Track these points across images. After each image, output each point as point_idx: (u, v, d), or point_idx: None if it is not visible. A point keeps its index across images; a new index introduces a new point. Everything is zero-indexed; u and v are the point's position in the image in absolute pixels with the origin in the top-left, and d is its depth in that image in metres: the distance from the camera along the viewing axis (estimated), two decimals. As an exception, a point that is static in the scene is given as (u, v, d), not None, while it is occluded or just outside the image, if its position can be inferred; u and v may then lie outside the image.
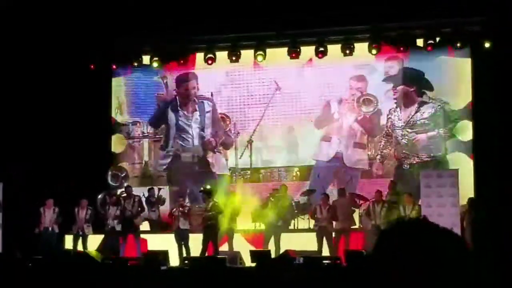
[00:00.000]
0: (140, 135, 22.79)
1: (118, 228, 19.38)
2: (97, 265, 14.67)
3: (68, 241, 19.83)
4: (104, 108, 22.39)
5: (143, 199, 20.17)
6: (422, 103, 20.95)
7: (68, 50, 20.76)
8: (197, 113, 22.38)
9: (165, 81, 22.62)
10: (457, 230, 17.41)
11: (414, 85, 21.03)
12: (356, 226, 19.30)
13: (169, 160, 22.39)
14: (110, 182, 20.95)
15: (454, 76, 20.73)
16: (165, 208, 20.97)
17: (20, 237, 19.33)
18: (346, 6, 19.15)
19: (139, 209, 19.51)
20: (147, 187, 21.26)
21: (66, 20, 20.33)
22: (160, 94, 22.70)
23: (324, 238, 18.69)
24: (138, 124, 22.77)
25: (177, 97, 22.55)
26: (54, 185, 20.11)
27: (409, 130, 21.03)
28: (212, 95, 22.29)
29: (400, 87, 21.12)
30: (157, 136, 22.69)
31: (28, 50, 20.72)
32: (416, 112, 21.01)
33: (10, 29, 20.41)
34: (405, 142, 21.08)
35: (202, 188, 19.86)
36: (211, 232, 18.56)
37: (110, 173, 20.97)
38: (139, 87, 22.87)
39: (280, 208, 19.35)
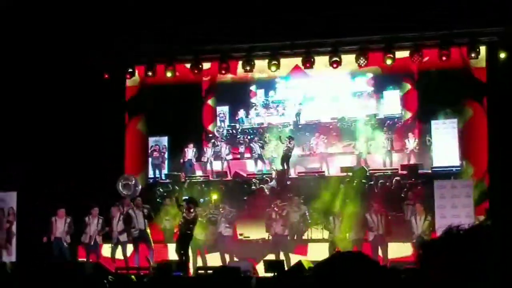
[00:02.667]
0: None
1: (123, 239, 19.45)
2: (110, 275, 14.67)
3: (81, 251, 19.86)
4: (119, 116, 22.43)
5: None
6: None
7: (83, 58, 20.84)
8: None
9: None
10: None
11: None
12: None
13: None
14: (124, 192, 20.82)
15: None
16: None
17: (34, 246, 19.36)
18: (361, 15, 19.12)
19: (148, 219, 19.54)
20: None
21: (82, 29, 20.41)
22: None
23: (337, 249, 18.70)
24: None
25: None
26: (67, 194, 20.15)
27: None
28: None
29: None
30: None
31: (44, 59, 20.81)
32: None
33: (24, 35, 20.50)
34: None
35: (187, 197, 19.42)
36: (187, 241, 18.42)
37: (120, 183, 20.83)
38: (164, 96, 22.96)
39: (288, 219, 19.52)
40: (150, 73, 21.75)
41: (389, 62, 20.36)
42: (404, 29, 19.61)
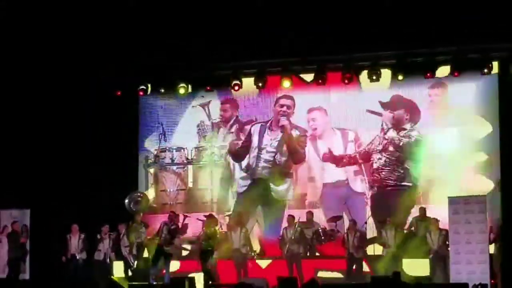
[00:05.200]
0: (185, 161, 22.66)
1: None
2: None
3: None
4: (131, 133, 22.46)
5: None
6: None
7: (96, 75, 20.91)
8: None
9: (206, 109, 22.68)
10: (486, 257, 17.28)
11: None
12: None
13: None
14: (135, 209, 20.89)
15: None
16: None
17: (48, 264, 19.40)
18: (373, 31, 19.14)
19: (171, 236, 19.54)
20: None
21: (93, 46, 20.49)
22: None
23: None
24: (182, 150, 22.67)
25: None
26: (79, 211, 20.23)
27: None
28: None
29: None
30: (201, 163, 22.51)
31: (57, 76, 20.91)
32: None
33: (37, 52, 20.61)
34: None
35: (207, 214, 19.91)
36: (208, 257, 18.61)
37: (130, 203, 20.93)
38: (177, 113, 22.87)
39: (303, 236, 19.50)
40: (162, 90, 21.78)
41: (400, 78, 20.31)
42: (415, 45, 19.63)
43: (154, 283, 18.25)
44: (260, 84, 21.11)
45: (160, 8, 20.22)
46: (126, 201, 20.80)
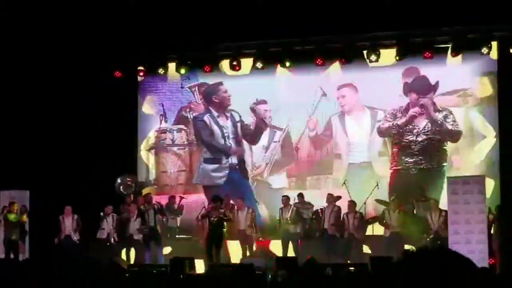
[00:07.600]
0: (186, 143, 22.63)
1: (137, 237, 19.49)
2: (124, 273, 14.69)
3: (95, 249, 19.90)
4: (130, 114, 22.43)
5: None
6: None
7: (94, 57, 20.87)
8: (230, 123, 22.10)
9: (193, 90, 22.63)
10: (485, 237, 17.29)
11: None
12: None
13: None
14: (126, 193, 20.97)
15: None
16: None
17: (46, 244, 19.45)
18: (372, 12, 19.07)
19: (160, 217, 19.58)
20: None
21: (92, 28, 20.44)
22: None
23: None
24: (183, 131, 22.65)
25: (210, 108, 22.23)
26: (78, 192, 20.25)
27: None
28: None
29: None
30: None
31: (55, 59, 20.88)
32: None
33: (36, 37, 20.58)
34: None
35: (216, 195, 19.77)
36: (219, 239, 18.66)
37: (122, 186, 21.04)
38: (178, 94, 22.80)
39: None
40: (162, 71, 21.72)
41: (398, 58, 20.23)
42: (416, 25, 19.55)
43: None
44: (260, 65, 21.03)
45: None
46: (116, 184, 20.91)
